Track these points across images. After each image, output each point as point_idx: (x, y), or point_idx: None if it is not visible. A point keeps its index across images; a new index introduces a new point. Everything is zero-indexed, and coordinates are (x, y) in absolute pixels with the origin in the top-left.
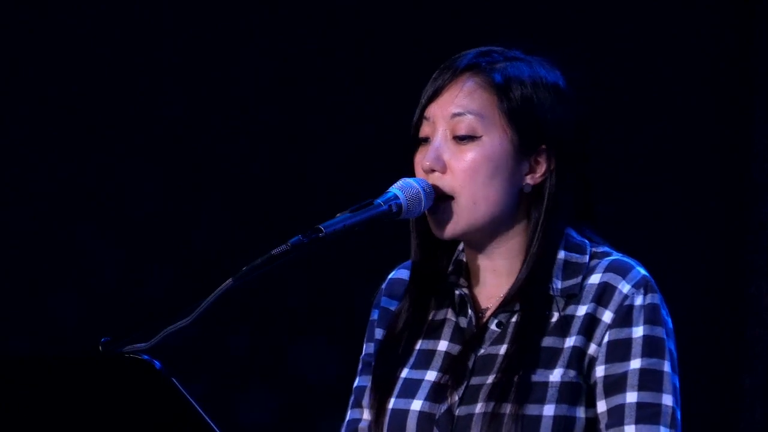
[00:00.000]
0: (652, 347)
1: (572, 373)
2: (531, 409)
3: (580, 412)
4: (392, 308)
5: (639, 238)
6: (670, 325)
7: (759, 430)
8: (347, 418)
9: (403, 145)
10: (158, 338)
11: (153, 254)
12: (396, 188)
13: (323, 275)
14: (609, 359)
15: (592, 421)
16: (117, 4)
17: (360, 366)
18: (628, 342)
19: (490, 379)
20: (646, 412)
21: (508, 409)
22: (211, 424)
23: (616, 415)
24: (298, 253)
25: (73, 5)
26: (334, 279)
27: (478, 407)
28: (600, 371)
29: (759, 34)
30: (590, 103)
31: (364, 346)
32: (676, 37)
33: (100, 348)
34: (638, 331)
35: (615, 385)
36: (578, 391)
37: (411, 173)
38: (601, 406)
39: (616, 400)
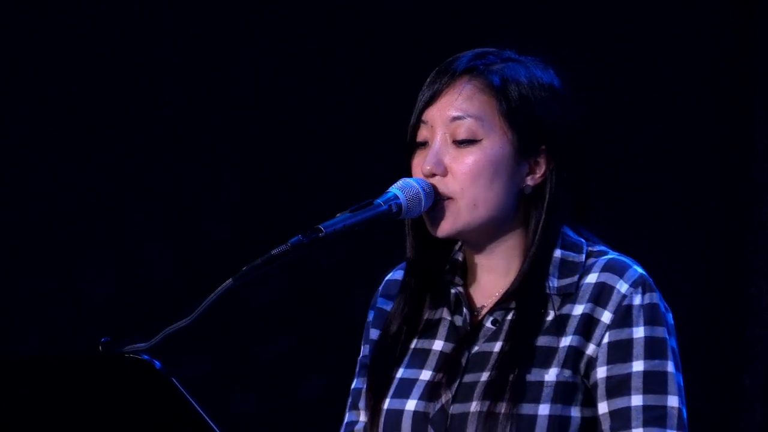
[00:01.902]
0: (654, 348)
1: (567, 372)
2: (526, 409)
3: (575, 412)
4: (388, 309)
5: (639, 238)
6: (671, 321)
7: (759, 430)
8: (345, 420)
9: (400, 149)
10: (158, 338)
11: (152, 254)
12: (396, 188)
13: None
14: (610, 360)
15: (588, 421)
16: (117, 4)
17: (357, 368)
18: (629, 343)
19: (484, 376)
20: (653, 415)
21: (503, 408)
22: (211, 424)
23: (622, 418)
24: (298, 253)
25: (73, 5)
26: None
27: (473, 406)
28: (601, 372)
29: (759, 34)
30: (586, 102)
31: (362, 348)
32: (676, 37)
33: (100, 348)
34: (639, 332)
35: (618, 387)
36: (573, 390)
37: (409, 177)
38: (603, 408)
39: (620, 402)
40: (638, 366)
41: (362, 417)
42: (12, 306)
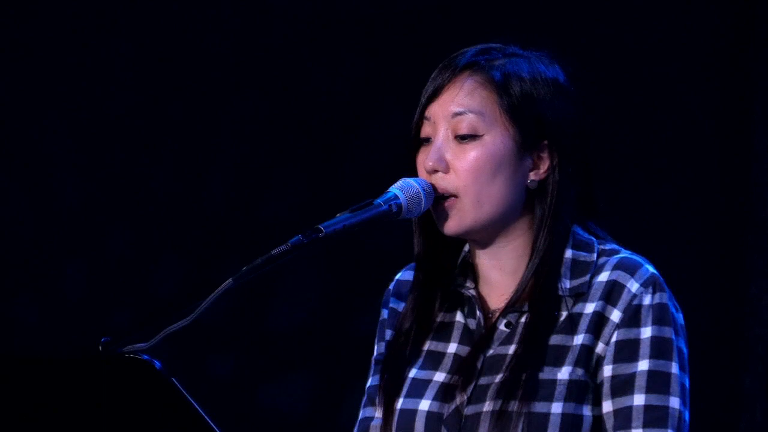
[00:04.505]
0: (660, 348)
1: (580, 371)
2: (539, 407)
3: (587, 411)
4: (399, 309)
5: (639, 238)
6: (681, 321)
7: (759, 430)
8: (360, 417)
9: (404, 146)
10: (158, 338)
11: (153, 254)
12: (396, 188)
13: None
14: (617, 359)
15: (599, 420)
16: (117, 4)
17: (372, 365)
18: (636, 342)
19: (498, 378)
20: (654, 415)
21: (515, 406)
22: (211, 424)
23: (623, 417)
24: (297, 253)
25: (73, 5)
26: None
27: (486, 405)
28: (607, 371)
29: (759, 34)
30: (590, 97)
31: (375, 347)
32: (676, 37)
33: (100, 348)
34: (646, 332)
35: (622, 386)
36: (586, 389)
37: (412, 174)
38: (607, 407)
39: (623, 401)
40: (643, 365)
41: (378, 414)
42: (11, 305)
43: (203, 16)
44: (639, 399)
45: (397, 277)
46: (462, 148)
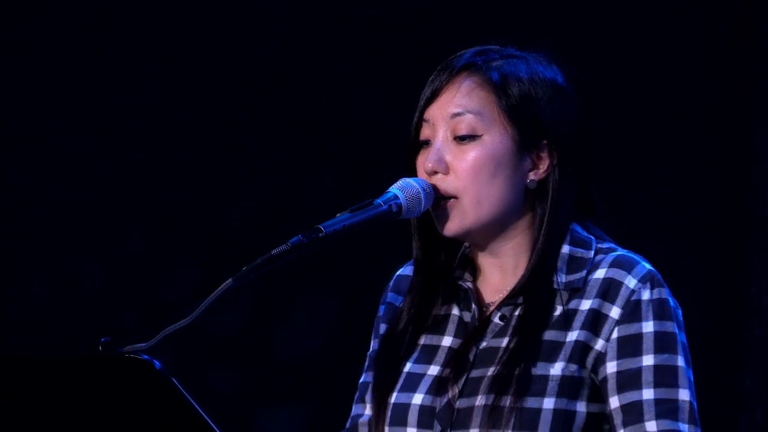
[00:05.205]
0: (663, 342)
1: (573, 367)
2: (530, 402)
3: (581, 407)
4: (397, 304)
5: (638, 237)
6: (681, 317)
7: (759, 430)
8: (352, 413)
9: (404, 148)
10: (158, 338)
11: (153, 254)
12: (396, 188)
13: None
14: (620, 355)
15: (593, 416)
16: (118, 4)
17: (367, 362)
18: (638, 337)
19: (491, 371)
20: (665, 408)
21: (507, 401)
22: (211, 424)
23: (634, 412)
24: (297, 253)
25: (74, 5)
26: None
27: (478, 400)
28: (611, 367)
29: (759, 34)
30: (590, 97)
31: (372, 343)
32: (676, 37)
33: (100, 348)
34: (648, 327)
35: (629, 381)
36: (579, 385)
37: (412, 176)
38: (614, 403)
39: (631, 396)
40: (648, 360)
41: (368, 410)
42: (10, 306)
43: (203, 16)
44: (648, 393)
45: (398, 272)
46: (461, 149)
